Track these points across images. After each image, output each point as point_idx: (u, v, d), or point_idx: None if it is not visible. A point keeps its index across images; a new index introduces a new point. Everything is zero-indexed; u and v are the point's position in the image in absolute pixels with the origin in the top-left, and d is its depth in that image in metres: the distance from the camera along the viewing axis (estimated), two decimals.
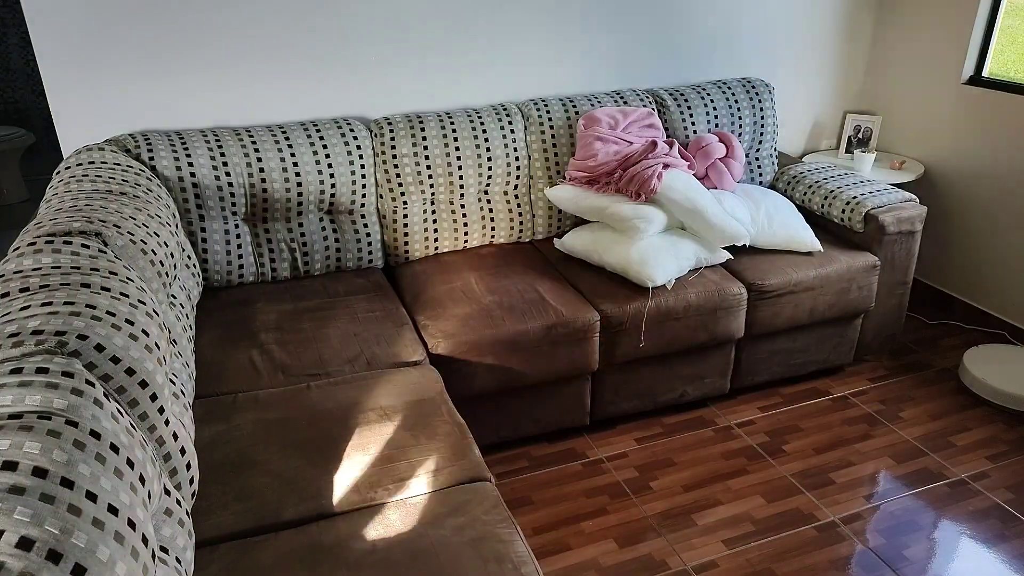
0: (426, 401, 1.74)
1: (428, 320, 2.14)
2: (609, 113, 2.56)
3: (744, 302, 2.34)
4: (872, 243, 2.55)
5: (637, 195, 2.38)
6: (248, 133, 2.30)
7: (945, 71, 2.97)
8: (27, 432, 0.91)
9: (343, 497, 1.47)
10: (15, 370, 1.04)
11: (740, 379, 2.54)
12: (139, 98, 2.31)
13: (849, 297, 2.49)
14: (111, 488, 0.93)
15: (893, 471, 2.26)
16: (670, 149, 2.55)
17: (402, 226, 2.47)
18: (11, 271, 1.38)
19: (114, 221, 1.66)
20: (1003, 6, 2.80)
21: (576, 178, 2.52)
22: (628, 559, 1.95)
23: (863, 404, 2.57)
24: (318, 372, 1.88)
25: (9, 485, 0.84)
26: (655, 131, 2.62)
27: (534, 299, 2.21)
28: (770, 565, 1.93)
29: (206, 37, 2.31)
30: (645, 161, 2.45)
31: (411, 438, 1.61)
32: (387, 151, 2.42)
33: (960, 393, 2.63)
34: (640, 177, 2.38)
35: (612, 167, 2.48)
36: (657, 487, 2.19)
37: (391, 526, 1.40)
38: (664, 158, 2.47)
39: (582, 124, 2.56)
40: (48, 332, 1.15)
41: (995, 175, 2.86)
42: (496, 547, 1.37)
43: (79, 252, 1.46)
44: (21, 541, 0.79)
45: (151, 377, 1.24)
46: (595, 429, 2.43)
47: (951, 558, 1.95)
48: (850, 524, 2.06)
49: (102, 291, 1.32)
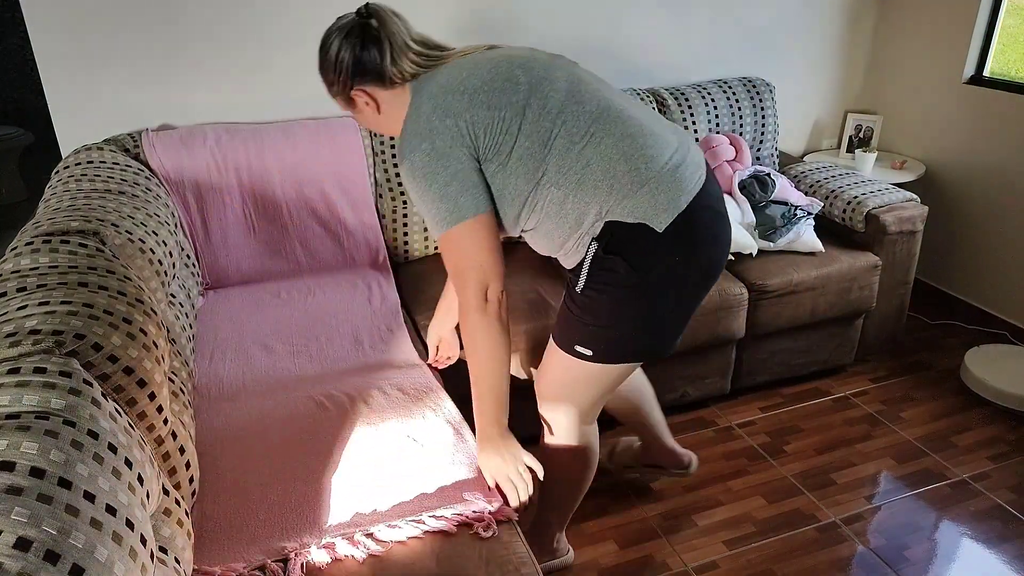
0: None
1: (428, 320, 2.13)
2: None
3: (745, 302, 2.34)
4: (873, 243, 2.54)
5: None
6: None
7: (946, 71, 2.97)
8: (25, 432, 0.91)
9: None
10: (12, 370, 1.03)
11: (741, 379, 2.54)
12: (138, 97, 2.31)
13: (850, 297, 2.49)
14: (109, 488, 0.93)
15: (894, 471, 2.26)
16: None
17: (402, 226, 2.46)
18: (8, 271, 1.37)
19: (112, 220, 1.65)
20: (1004, 6, 2.80)
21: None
22: (629, 560, 1.94)
23: (864, 404, 2.57)
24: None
25: (7, 485, 0.83)
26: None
27: (534, 299, 2.21)
28: (771, 566, 1.92)
29: (205, 36, 2.30)
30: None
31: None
32: (387, 151, 2.41)
33: (961, 393, 2.62)
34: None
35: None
36: (657, 488, 2.19)
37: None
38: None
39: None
40: (45, 332, 1.14)
41: (996, 175, 2.86)
42: (496, 547, 1.36)
43: (76, 251, 1.45)
44: (19, 542, 0.78)
45: (149, 376, 1.23)
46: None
47: (952, 559, 1.94)
48: (851, 525, 2.05)
49: (99, 290, 1.32)
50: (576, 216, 1.44)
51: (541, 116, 1.41)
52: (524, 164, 1.41)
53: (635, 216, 1.40)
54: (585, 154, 1.40)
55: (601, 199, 1.41)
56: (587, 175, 1.41)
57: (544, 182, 1.43)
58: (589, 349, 1.53)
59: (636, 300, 1.47)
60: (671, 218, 1.41)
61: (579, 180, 1.41)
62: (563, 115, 1.41)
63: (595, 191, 1.41)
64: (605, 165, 1.40)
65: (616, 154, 1.40)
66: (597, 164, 1.40)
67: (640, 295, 1.46)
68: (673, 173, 1.42)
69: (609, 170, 1.40)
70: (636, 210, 1.40)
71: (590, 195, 1.41)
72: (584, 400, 1.63)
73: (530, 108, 1.40)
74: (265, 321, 2.08)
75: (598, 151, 1.40)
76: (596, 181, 1.40)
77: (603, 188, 1.40)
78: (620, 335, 1.52)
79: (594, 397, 1.64)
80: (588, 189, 1.41)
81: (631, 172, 1.40)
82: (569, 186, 1.42)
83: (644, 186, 1.40)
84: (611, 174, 1.40)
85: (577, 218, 1.44)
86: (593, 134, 1.41)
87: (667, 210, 1.41)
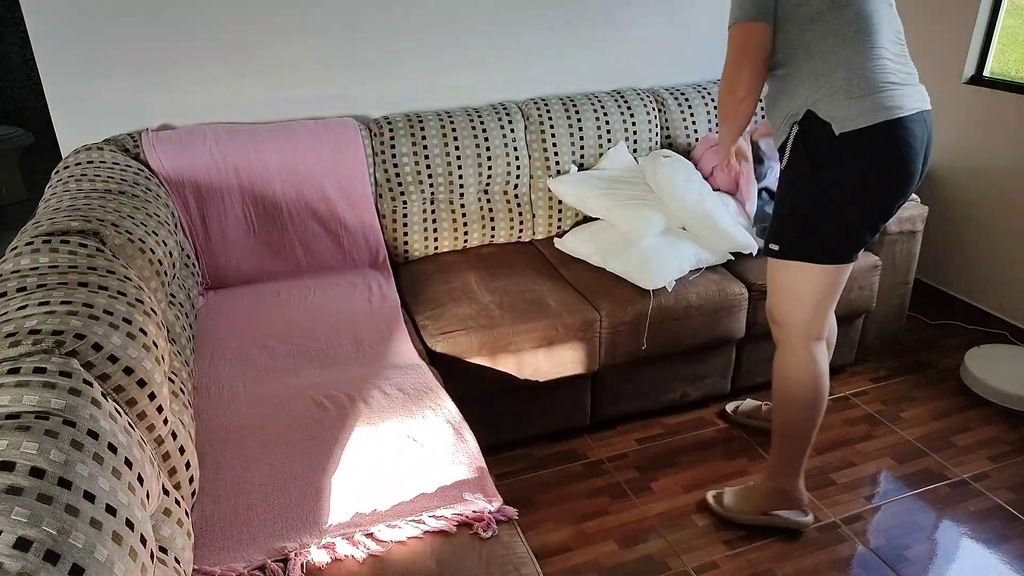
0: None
1: (428, 320, 2.13)
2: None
3: (745, 302, 2.34)
4: (873, 243, 2.54)
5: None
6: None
7: (946, 71, 2.97)
8: (24, 432, 0.91)
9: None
10: (12, 370, 1.03)
11: (741, 379, 2.54)
12: (138, 97, 2.31)
13: (850, 297, 2.49)
14: (109, 488, 0.93)
15: (894, 471, 2.26)
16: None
17: (402, 226, 2.46)
18: (8, 271, 1.37)
19: (112, 220, 1.65)
20: (1004, 6, 2.79)
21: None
22: (629, 560, 1.94)
23: (864, 404, 2.57)
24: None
25: (7, 485, 0.83)
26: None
27: (534, 299, 2.21)
28: (771, 566, 1.92)
29: (205, 36, 2.30)
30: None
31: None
32: (387, 151, 2.41)
33: (961, 393, 2.62)
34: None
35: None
36: (658, 488, 2.19)
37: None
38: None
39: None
40: (45, 332, 1.14)
41: (996, 175, 2.86)
42: (496, 547, 1.36)
43: (76, 251, 1.45)
44: (19, 542, 0.78)
45: (149, 376, 1.23)
46: (595, 430, 2.43)
47: (952, 559, 1.94)
48: (851, 525, 2.05)
49: (99, 290, 1.32)
50: (792, 93, 1.68)
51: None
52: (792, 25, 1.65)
53: (827, 115, 1.62)
54: (821, 47, 1.62)
55: (812, 89, 1.64)
56: (816, 67, 1.63)
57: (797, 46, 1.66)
58: (777, 244, 1.77)
59: (812, 196, 1.70)
60: (853, 127, 1.60)
61: (810, 68, 1.64)
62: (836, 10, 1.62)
63: (814, 81, 1.63)
64: (828, 67, 1.62)
65: (845, 60, 1.62)
66: (823, 62, 1.62)
67: (814, 193, 1.69)
68: (883, 91, 1.61)
69: (829, 73, 1.62)
70: (833, 110, 1.61)
71: (809, 80, 1.64)
72: (794, 307, 1.81)
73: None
74: (265, 321, 2.08)
75: (829, 53, 1.62)
76: (816, 75, 1.63)
77: (819, 81, 1.63)
78: (800, 230, 1.73)
79: (802, 301, 1.80)
80: (809, 77, 1.64)
81: (848, 79, 1.61)
82: (800, 63, 1.65)
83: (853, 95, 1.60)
84: (828, 76, 1.62)
85: (790, 95, 1.68)
86: (844, 37, 1.61)
87: (854, 119, 1.60)
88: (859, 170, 1.63)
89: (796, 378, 1.86)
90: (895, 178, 1.65)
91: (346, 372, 1.86)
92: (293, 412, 1.69)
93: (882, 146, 1.61)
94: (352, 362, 1.90)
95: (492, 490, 1.49)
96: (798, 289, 1.79)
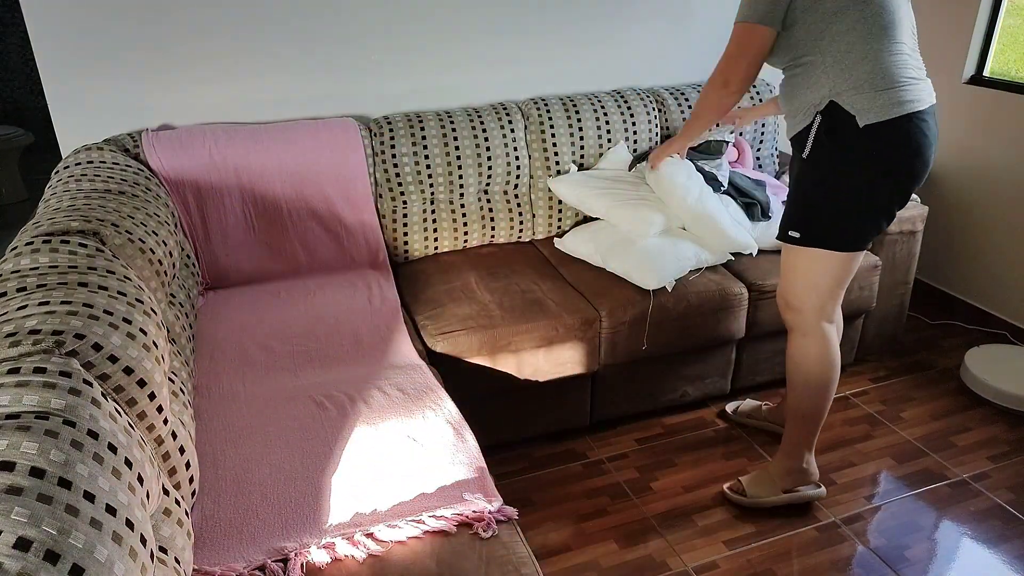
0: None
1: (427, 320, 2.13)
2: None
3: (745, 302, 2.34)
4: (873, 243, 2.54)
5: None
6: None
7: (946, 71, 2.97)
8: (24, 432, 0.91)
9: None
10: (12, 370, 1.03)
11: (741, 379, 2.54)
12: (138, 97, 2.31)
13: (850, 297, 2.49)
14: (109, 488, 0.93)
15: (894, 471, 2.26)
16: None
17: (402, 226, 2.47)
18: (8, 271, 1.37)
19: (112, 220, 1.65)
20: (1004, 6, 2.79)
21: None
22: (629, 560, 1.94)
23: (864, 404, 2.57)
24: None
25: (7, 485, 0.83)
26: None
27: (534, 299, 2.21)
28: (771, 566, 1.92)
29: (205, 36, 2.30)
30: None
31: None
32: (387, 151, 2.41)
33: (961, 393, 2.62)
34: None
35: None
36: (657, 488, 2.19)
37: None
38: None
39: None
40: (45, 332, 1.14)
41: (996, 175, 2.86)
42: (496, 548, 1.36)
43: (76, 251, 1.45)
44: (19, 542, 0.78)
45: (149, 376, 1.23)
46: (595, 430, 2.43)
47: (952, 559, 1.94)
48: (851, 524, 2.05)
49: (99, 290, 1.32)
50: (815, 83, 1.73)
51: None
52: (810, 26, 1.70)
53: (852, 107, 1.68)
54: (847, 39, 1.67)
55: (837, 81, 1.69)
56: (841, 59, 1.68)
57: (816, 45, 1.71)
58: (797, 231, 1.82)
59: (835, 184, 1.75)
60: (876, 119, 1.66)
61: (834, 60, 1.69)
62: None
63: (839, 73, 1.69)
64: (854, 60, 1.67)
65: (872, 54, 1.68)
66: (850, 55, 1.67)
67: (837, 181, 1.75)
68: (904, 86, 1.68)
69: (855, 65, 1.67)
70: (858, 102, 1.67)
71: (834, 72, 1.69)
72: (811, 292, 1.87)
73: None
74: (265, 321, 2.08)
75: (855, 45, 1.67)
76: (841, 67, 1.68)
77: (845, 74, 1.68)
78: (823, 217, 1.78)
79: (818, 286, 1.85)
80: (834, 69, 1.69)
81: (873, 72, 1.67)
82: (824, 56, 1.70)
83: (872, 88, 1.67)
84: (854, 69, 1.68)
85: (813, 86, 1.73)
86: (870, 30, 1.67)
87: (878, 112, 1.66)
88: (881, 160, 1.71)
89: (814, 358, 1.93)
90: (913, 167, 1.74)
91: (346, 372, 1.86)
92: (293, 412, 1.69)
93: (903, 138, 1.69)
94: (352, 362, 1.90)
95: (492, 490, 1.49)
96: (816, 275, 1.85)
